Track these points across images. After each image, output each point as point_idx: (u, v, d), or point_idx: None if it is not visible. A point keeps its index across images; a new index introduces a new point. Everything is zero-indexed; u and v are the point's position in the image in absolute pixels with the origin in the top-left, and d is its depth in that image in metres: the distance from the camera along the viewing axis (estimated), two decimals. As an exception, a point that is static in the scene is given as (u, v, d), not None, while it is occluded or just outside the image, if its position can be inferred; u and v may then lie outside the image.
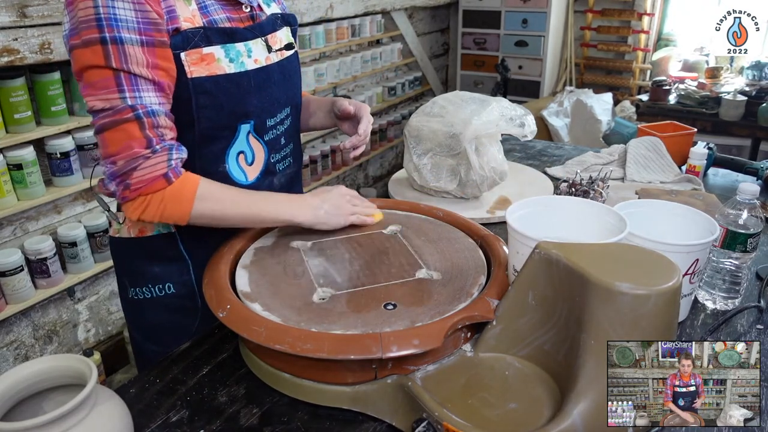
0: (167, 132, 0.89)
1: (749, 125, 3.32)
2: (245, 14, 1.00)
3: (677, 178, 1.60)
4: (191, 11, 0.91)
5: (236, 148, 1.01)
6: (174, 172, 0.88)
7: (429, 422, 0.71)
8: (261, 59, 0.99)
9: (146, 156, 0.86)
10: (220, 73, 0.93)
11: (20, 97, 1.85)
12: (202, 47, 0.91)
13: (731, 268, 1.03)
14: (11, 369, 0.66)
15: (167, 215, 0.89)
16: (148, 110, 0.86)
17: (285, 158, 1.12)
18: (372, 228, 1.07)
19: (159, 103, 0.88)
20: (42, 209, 2.06)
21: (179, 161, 0.90)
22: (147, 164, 0.86)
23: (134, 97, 0.85)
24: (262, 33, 1.00)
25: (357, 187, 3.97)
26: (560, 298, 0.76)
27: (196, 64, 0.91)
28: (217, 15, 0.95)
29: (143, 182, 0.86)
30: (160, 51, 0.87)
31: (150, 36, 0.86)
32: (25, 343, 2.08)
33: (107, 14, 0.82)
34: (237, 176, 1.02)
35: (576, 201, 0.98)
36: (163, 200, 0.88)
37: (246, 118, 0.99)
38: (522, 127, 1.45)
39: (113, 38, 0.82)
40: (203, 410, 0.79)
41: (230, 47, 0.94)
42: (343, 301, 0.84)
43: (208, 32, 0.92)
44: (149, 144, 0.86)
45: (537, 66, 4.16)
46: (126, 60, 0.84)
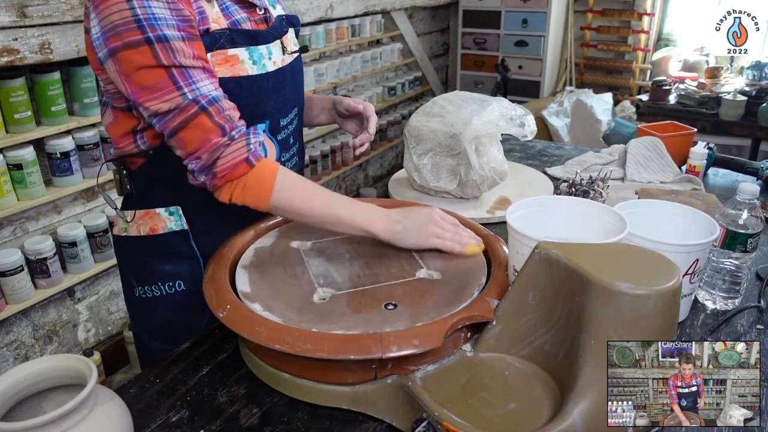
0: (233, 113, 0.90)
1: (749, 125, 3.32)
2: (260, 16, 1.02)
3: (677, 178, 1.60)
4: (216, 13, 0.93)
5: None
6: (254, 156, 0.89)
7: (429, 422, 0.71)
8: (278, 61, 1.02)
9: (226, 144, 0.87)
10: (243, 75, 0.95)
11: (20, 97, 1.85)
12: (227, 48, 0.93)
13: (731, 268, 1.03)
14: (11, 369, 0.66)
15: (249, 200, 0.91)
16: (209, 98, 0.87)
17: (292, 157, 1.14)
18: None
19: (215, 88, 0.89)
20: (42, 209, 2.06)
21: (257, 144, 0.90)
22: (228, 151, 0.87)
23: (192, 90, 0.86)
24: (279, 35, 1.03)
25: (357, 187, 3.97)
26: (560, 298, 0.76)
27: (220, 64, 0.92)
28: (238, 15, 0.97)
29: (227, 169, 0.88)
30: (197, 44, 0.88)
31: (188, 32, 0.87)
32: (25, 343, 2.08)
33: (146, 14, 0.83)
34: None
35: (576, 201, 0.98)
36: (246, 185, 0.89)
37: (263, 118, 1.01)
38: (522, 127, 1.45)
39: (158, 37, 0.83)
40: (203, 410, 0.79)
41: (254, 49, 0.96)
42: (343, 301, 0.84)
43: (233, 34, 0.94)
44: (224, 131, 0.87)
45: (537, 66, 4.16)
46: (175, 55, 0.85)
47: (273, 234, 1.06)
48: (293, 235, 1.04)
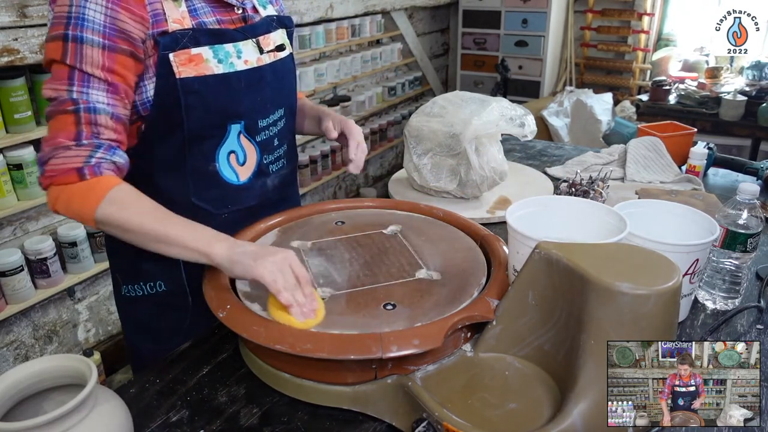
0: (106, 131, 0.87)
1: (749, 125, 3.32)
2: (237, 16, 1.01)
3: (677, 178, 1.60)
4: (181, 13, 0.93)
5: (227, 147, 1.01)
6: (91, 169, 0.84)
7: (429, 422, 0.71)
8: (252, 60, 1.00)
9: (66, 147, 0.84)
10: (209, 74, 0.94)
11: (20, 97, 1.85)
12: (190, 48, 0.92)
13: (731, 268, 1.03)
14: (11, 369, 0.66)
15: (73, 211, 0.86)
16: (89, 106, 0.86)
17: (278, 159, 1.11)
18: (372, 228, 1.07)
19: (107, 103, 0.87)
20: (42, 209, 2.06)
21: (105, 162, 0.86)
22: (64, 154, 0.84)
23: (81, 92, 0.86)
24: (253, 34, 1.01)
25: (357, 187, 3.97)
26: (560, 298, 0.76)
27: (184, 64, 0.92)
28: (206, 17, 0.96)
29: (55, 172, 0.84)
30: (120, 58, 0.88)
31: (113, 42, 0.86)
32: (25, 343, 2.08)
33: (77, 13, 0.85)
34: (228, 176, 1.03)
35: (576, 201, 0.98)
36: (71, 195, 0.85)
37: (237, 119, 1.00)
38: (522, 127, 1.45)
39: (74, 36, 0.85)
40: (203, 410, 0.79)
41: (219, 48, 0.95)
42: (343, 301, 0.84)
43: (196, 33, 0.93)
44: (77, 137, 0.85)
45: (537, 66, 4.16)
46: (81, 59, 0.85)
47: (273, 233, 1.06)
48: (293, 235, 1.04)
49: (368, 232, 1.05)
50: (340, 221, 1.10)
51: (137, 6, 0.88)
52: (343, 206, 1.18)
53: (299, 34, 3.05)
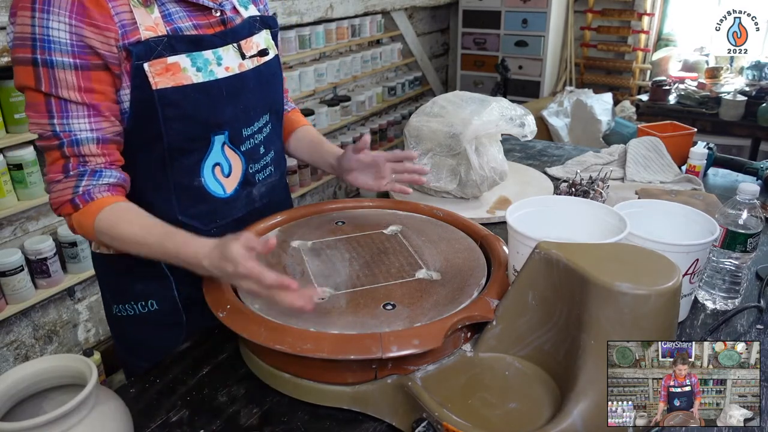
0: (92, 159, 0.87)
1: (749, 125, 3.32)
2: (215, 19, 0.95)
3: (677, 178, 1.60)
4: (154, 19, 0.88)
5: (211, 160, 0.97)
6: (81, 198, 0.87)
7: (429, 422, 0.71)
8: (233, 66, 0.95)
9: (58, 180, 0.88)
10: (187, 83, 0.89)
11: (20, 97, 1.85)
12: (166, 57, 0.87)
13: (731, 268, 1.03)
14: (11, 369, 0.66)
15: (82, 234, 0.91)
16: (72, 139, 0.85)
17: (265, 168, 1.07)
18: (372, 228, 1.07)
19: (90, 129, 0.86)
20: (42, 209, 2.06)
21: (93, 187, 0.87)
22: (57, 188, 0.88)
23: (62, 123, 0.85)
24: (234, 39, 0.96)
25: (357, 187, 3.96)
26: (560, 299, 0.76)
27: (160, 74, 0.87)
28: (182, 23, 0.91)
29: (56, 203, 0.89)
30: (95, 74, 0.85)
31: (84, 59, 0.83)
32: (25, 343, 2.08)
33: (41, 34, 0.81)
34: (214, 189, 0.99)
35: (576, 201, 0.98)
36: (74, 223, 0.90)
37: (219, 129, 0.96)
38: (522, 127, 1.45)
39: (44, 61, 0.81)
40: (203, 410, 0.79)
41: (197, 56, 0.90)
42: (343, 301, 0.84)
43: (172, 41, 0.88)
44: (64, 170, 0.87)
45: (537, 66, 4.16)
46: (56, 85, 0.83)
47: (273, 233, 1.06)
48: (293, 235, 1.04)
49: (368, 232, 1.05)
50: (340, 221, 1.10)
51: (102, 19, 0.83)
52: (343, 206, 1.18)
53: (299, 34, 3.05)
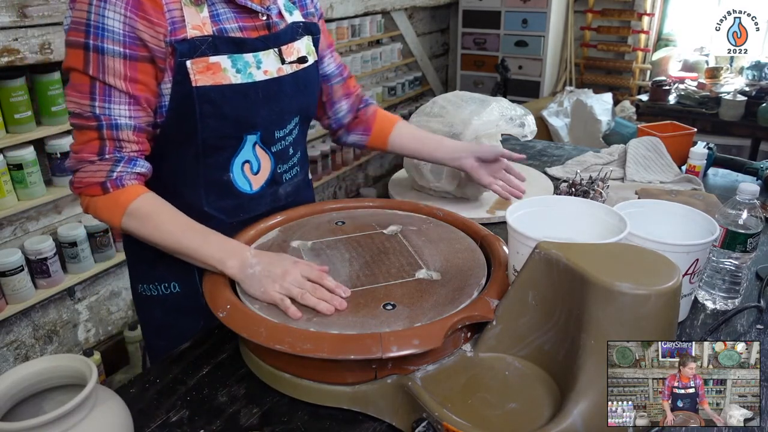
0: (128, 145, 0.90)
1: (749, 125, 3.32)
2: (261, 23, 0.98)
3: (677, 178, 1.60)
4: (202, 18, 0.91)
5: (242, 157, 1.01)
6: (113, 183, 0.89)
7: (429, 422, 0.71)
8: (272, 70, 0.98)
9: (91, 161, 0.89)
10: (226, 83, 0.92)
11: (20, 97, 1.85)
12: (208, 56, 0.91)
13: (731, 268, 1.03)
14: (11, 369, 0.66)
15: (101, 219, 0.93)
16: (111, 123, 0.88)
17: (292, 168, 1.12)
18: (372, 228, 1.07)
19: (129, 116, 0.89)
20: (42, 209, 2.06)
21: (126, 174, 0.90)
22: (89, 169, 0.89)
23: (103, 107, 0.88)
24: (276, 43, 0.99)
25: (357, 187, 3.97)
26: (560, 298, 0.76)
27: (201, 72, 0.91)
28: (228, 24, 0.94)
29: (82, 184, 0.90)
30: (141, 66, 0.88)
31: (134, 50, 0.87)
32: (25, 343, 2.08)
33: (96, 22, 0.84)
34: (241, 185, 1.03)
35: (576, 201, 0.98)
36: (98, 206, 0.91)
37: (252, 129, 0.99)
38: (522, 127, 1.45)
39: (96, 47, 0.85)
40: (203, 410, 0.79)
41: (238, 57, 0.93)
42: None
43: (216, 41, 0.91)
44: (100, 152, 0.89)
45: (537, 66, 4.16)
46: (103, 70, 0.86)
47: (274, 233, 1.06)
48: (294, 235, 1.04)
49: (368, 232, 1.05)
50: (340, 221, 1.10)
51: (155, 14, 0.87)
52: (343, 206, 1.18)
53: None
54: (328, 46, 1.20)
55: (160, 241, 0.90)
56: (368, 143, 1.29)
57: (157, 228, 0.89)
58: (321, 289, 0.84)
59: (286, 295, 0.82)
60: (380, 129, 1.27)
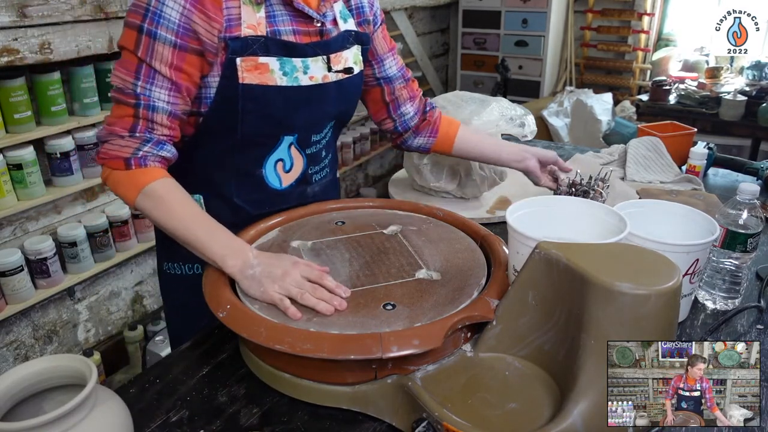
0: (159, 128, 0.92)
1: (749, 125, 3.32)
2: (314, 29, 1.00)
3: (677, 178, 1.60)
4: (258, 18, 0.93)
5: (276, 155, 1.04)
6: (137, 160, 0.90)
7: (429, 422, 0.71)
8: (318, 77, 1.00)
9: (121, 135, 0.91)
10: (271, 84, 0.95)
11: (20, 97, 1.85)
12: (258, 56, 0.93)
13: (731, 268, 1.03)
14: (11, 369, 0.66)
15: (117, 193, 0.94)
16: (149, 104, 0.90)
17: (323, 169, 1.15)
18: (372, 228, 1.07)
19: (167, 101, 0.91)
20: (42, 209, 2.06)
21: (151, 155, 0.91)
22: (117, 142, 0.91)
23: (145, 87, 0.90)
24: (325, 51, 1.00)
25: (357, 187, 3.97)
26: (560, 299, 0.76)
27: (249, 71, 0.93)
28: (283, 26, 0.96)
29: (107, 156, 0.91)
30: (189, 57, 0.91)
31: (185, 41, 0.90)
32: (25, 343, 2.08)
33: (155, 8, 0.88)
34: (272, 181, 1.07)
35: (576, 201, 0.98)
36: (117, 180, 0.92)
37: (290, 131, 1.02)
38: (522, 127, 1.45)
39: (149, 31, 0.88)
40: (203, 410, 0.79)
41: (287, 61, 0.96)
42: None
43: (268, 42, 0.94)
44: (132, 129, 0.91)
45: (537, 66, 4.16)
46: (152, 55, 0.89)
47: (274, 233, 1.06)
48: (294, 235, 1.04)
49: (368, 232, 1.05)
50: (340, 221, 1.10)
51: (213, 9, 0.89)
52: (343, 206, 1.18)
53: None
54: (389, 50, 1.21)
55: (168, 226, 0.90)
56: (433, 147, 1.30)
57: (168, 212, 0.90)
58: (321, 290, 0.84)
59: (285, 296, 0.83)
60: (445, 133, 1.28)
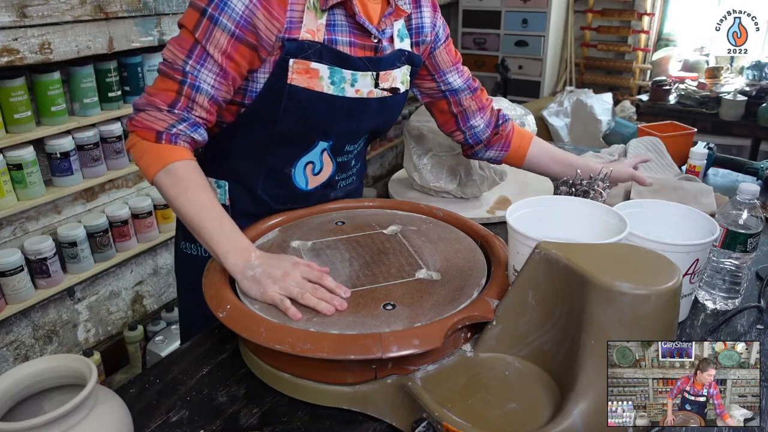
0: (198, 110, 0.92)
1: (749, 125, 3.32)
2: (370, 44, 1.01)
3: (677, 178, 1.60)
4: (318, 25, 0.95)
5: (307, 158, 1.06)
6: (168, 136, 0.90)
7: (429, 422, 0.71)
8: (363, 91, 1.01)
9: (160, 108, 0.91)
10: (317, 90, 0.96)
11: (20, 97, 1.85)
12: (311, 61, 0.94)
13: (731, 268, 1.03)
14: (11, 369, 0.66)
15: (140, 164, 0.93)
16: (195, 84, 0.91)
17: (349, 177, 1.17)
18: (372, 228, 1.07)
19: (212, 86, 0.92)
20: (42, 209, 2.06)
21: (184, 135, 0.91)
22: (153, 114, 0.91)
23: (194, 67, 0.91)
24: (376, 67, 1.01)
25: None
26: (560, 298, 0.76)
27: (299, 73, 0.94)
28: (341, 36, 0.97)
29: (140, 125, 0.91)
30: (243, 49, 0.91)
31: (243, 33, 0.90)
32: (25, 343, 2.08)
33: None
34: (299, 181, 1.08)
35: (576, 201, 0.98)
36: (144, 150, 0.91)
37: (326, 138, 1.04)
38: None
39: (211, 16, 0.89)
40: (203, 410, 0.79)
41: (337, 71, 0.97)
42: (343, 301, 0.84)
43: (323, 50, 0.95)
44: (172, 104, 0.91)
45: (537, 66, 4.16)
46: (209, 38, 0.90)
47: (274, 233, 1.06)
48: (294, 235, 1.04)
49: (368, 232, 1.05)
50: (340, 221, 1.10)
51: (278, 9, 0.90)
52: (343, 206, 1.18)
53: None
54: (453, 64, 1.23)
55: (180, 207, 0.90)
56: (504, 159, 1.32)
57: (183, 194, 0.90)
58: (321, 290, 0.84)
59: (285, 296, 0.82)
60: (517, 146, 1.29)
